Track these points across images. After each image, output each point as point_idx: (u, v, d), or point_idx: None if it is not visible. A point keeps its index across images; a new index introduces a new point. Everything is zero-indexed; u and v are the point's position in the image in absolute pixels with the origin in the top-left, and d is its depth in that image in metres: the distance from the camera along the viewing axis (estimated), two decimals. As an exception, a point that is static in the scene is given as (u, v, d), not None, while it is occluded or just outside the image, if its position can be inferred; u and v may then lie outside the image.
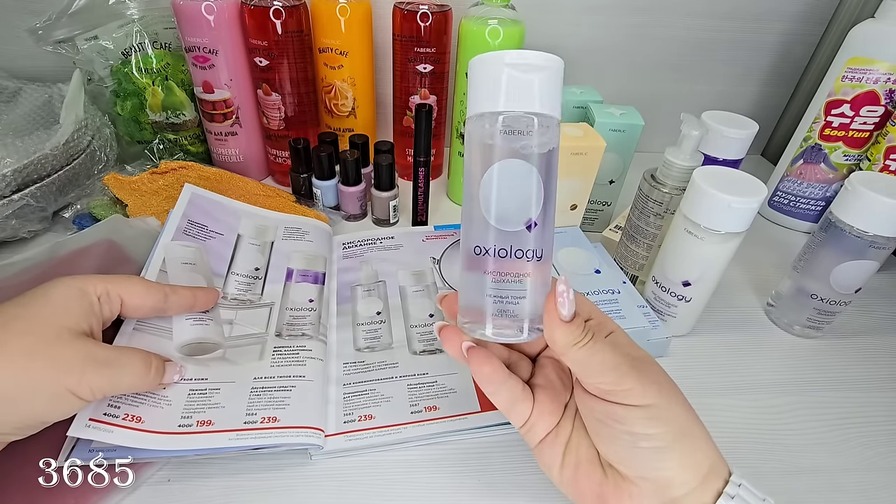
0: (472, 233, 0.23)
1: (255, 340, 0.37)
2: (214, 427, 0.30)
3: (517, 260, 0.22)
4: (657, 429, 0.22)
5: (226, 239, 0.43)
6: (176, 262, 0.38)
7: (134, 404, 0.30)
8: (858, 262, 0.39)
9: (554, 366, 0.29)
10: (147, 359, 0.29)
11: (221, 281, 0.40)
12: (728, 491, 0.23)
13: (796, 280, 0.44)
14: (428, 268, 0.47)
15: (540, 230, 0.23)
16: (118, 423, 0.28)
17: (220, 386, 0.33)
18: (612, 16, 0.63)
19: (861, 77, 0.51)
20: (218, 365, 0.34)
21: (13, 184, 0.44)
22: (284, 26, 0.51)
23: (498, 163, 0.22)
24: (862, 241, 0.38)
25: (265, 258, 0.44)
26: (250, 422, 0.31)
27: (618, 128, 0.49)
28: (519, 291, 0.23)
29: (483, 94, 0.23)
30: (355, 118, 0.58)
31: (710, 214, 0.36)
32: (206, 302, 0.36)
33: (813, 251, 0.42)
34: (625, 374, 0.23)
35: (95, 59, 0.54)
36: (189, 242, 0.41)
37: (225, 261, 0.42)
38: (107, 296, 0.29)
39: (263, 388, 0.34)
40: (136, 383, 0.29)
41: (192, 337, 0.35)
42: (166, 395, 0.31)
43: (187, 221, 0.42)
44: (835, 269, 0.40)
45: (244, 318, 0.38)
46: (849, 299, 0.42)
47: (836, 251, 0.40)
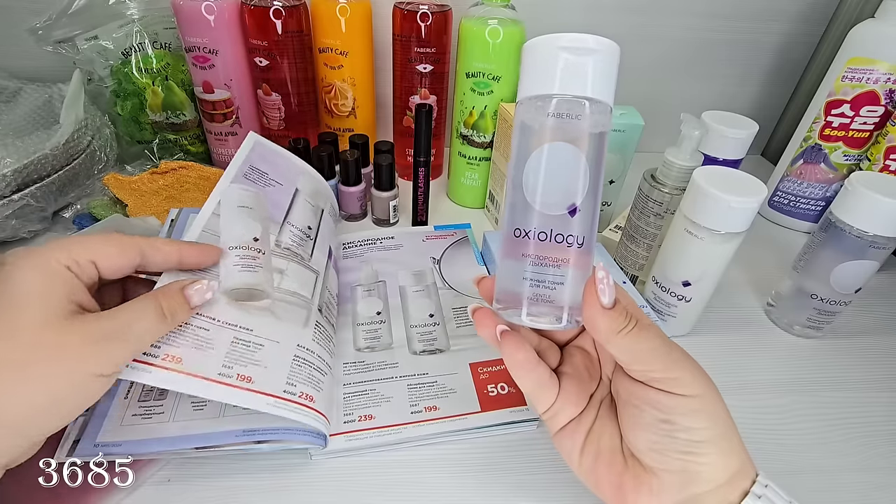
0: (513, 216, 0.23)
1: (302, 303, 0.36)
2: (254, 386, 0.29)
3: (558, 245, 0.22)
4: (699, 423, 0.22)
5: (285, 189, 0.41)
6: (231, 205, 0.36)
7: (175, 343, 0.27)
8: (858, 262, 0.39)
9: (582, 356, 0.28)
10: (157, 304, 0.26)
11: (277, 228, 0.38)
12: (755, 490, 0.23)
13: (796, 280, 0.44)
14: (428, 268, 0.47)
15: (583, 217, 0.22)
16: (157, 363, 0.26)
17: (265, 342, 0.31)
18: (612, 16, 0.63)
19: (861, 77, 0.51)
20: (264, 317, 0.32)
21: (13, 184, 0.44)
22: (284, 26, 0.51)
23: (546, 145, 0.22)
24: (862, 241, 0.38)
25: (317, 221, 0.43)
26: (290, 392, 0.30)
27: (618, 128, 0.49)
28: (558, 277, 0.22)
29: (535, 77, 0.22)
30: (355, 118, 0.58)
31: (711, 214, 0.36)
32: (197, 259, 0.30)
33: (813, 251, 0.42)
34: (675, 362, 0.22)
35: (95, 59, 0.54)
36: (248, 186, 0.38)
37: (282, 210, 0.40)
38: (77, 264, 0.25)
39: (305, 361, 0.33)
40: (156, 333, 0.26)
41: (239, 282, 0.32)
42: (210, 339, 0.29)
43: (248, 167, 0.40)
44: (835, 269, 0.40)
45: (295, 273, 0.37)
46: (849, 299, 0.42)
47: (836, 251, 0.40)
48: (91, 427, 0.30)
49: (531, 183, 0.22)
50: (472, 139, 0.54)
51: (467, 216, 0.58)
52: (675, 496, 0.23)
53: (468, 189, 0.59)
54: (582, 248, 0.22)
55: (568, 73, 0.21)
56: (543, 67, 0.22)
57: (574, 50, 0.21)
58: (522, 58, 0.23)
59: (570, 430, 0.26)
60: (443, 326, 0.41)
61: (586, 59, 0.21)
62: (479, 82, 0.50)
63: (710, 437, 0.22)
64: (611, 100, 0.23)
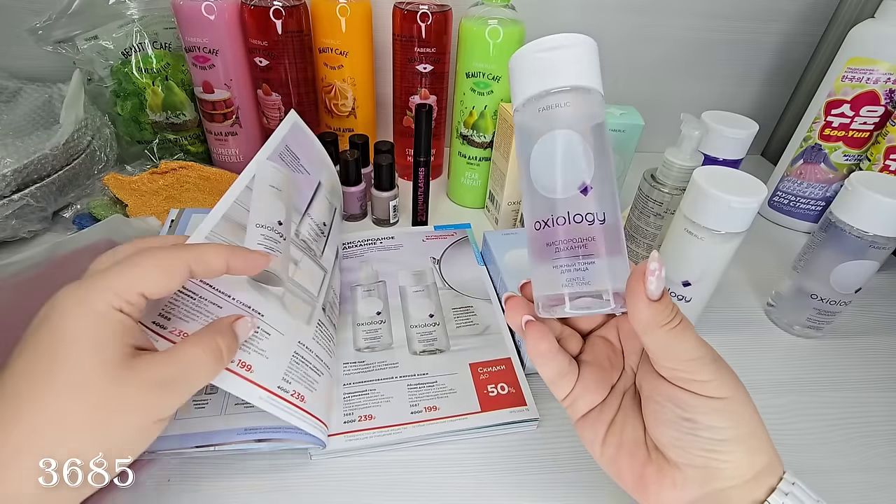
0: (533, 211, 0.24)
1: (308, 300, 0.35)
2: (252, 376, 0.28)
3: (578, 225, 0.22)
4: (722, 422, 0.22)
5: (310, 180, 0.41)
6: (264, 183, 0.35)
7: (185, 318, 0.27)
8: (858, 262, 0.39)
9: (605, 345, 0.28)
10: (215, 346, 0.26)
11: (299, 218, 0.38)
12: (782, 487, 0.23)
13: (796, 280, 0.44)
14: (428, 268, 0.47)
15: (597, 193, 0.23)
16: (165, 334, 0.26)
17: (272, 332, 0.31)
18: (612, 16, 0.63)
19: (861, 77, 0.51)
20: (275, 305, 0.32)
21: (13, 184, 0.44)
22: (284, 26, 0.50)
23: (543, 136, 0.23)
24: (862, 241, 0.38)
25: (331, 219, 0.42)
26: (283, 389, 0.30)
27: (618, 128, 0.49)
28: (588, 257, 0.22)
29: (520, 83, 0.24)
30: (355, 118, 0.58)
31: (711, 214, 0.36)
32: (243, 268, 0.28)
33: (813, 251, 0.42)
34: (706, 365, 0.22)
35: (95, 59, 0.54)
36: (281, 167, 0.38)
37: (305, 200, 0.39)
38: (127, 304, 0.23)
39: (302, 359, 0.32)
40: (213, 376, 0.26)
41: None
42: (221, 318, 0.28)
43: (285, 146, 0.39)
44: (835, 269, 0.40)
45: (307, 267, 0.36)
46: (849, 299, 0.42)
47: (836, 251, 0.40)
48: None
49: (539, 175, 0.23)
50: (472, 139, 0.54)
51: (467, 216, 0.58)
52: (698, 490, 0.23)
53: (468, 189, 0.59)
54: (606, 224, 0.22)
55: (545, 69, 0.23)
56: (525, 73, 0.24)
57: (547, 49, 0.23)
58: (509, 73, 0.25)
59: (591, 419, 0.26)
60: (443, 326, 0.41)
61: (559, 54, 0.23)
62: (479, 82, 0.50)
63: (733, 437, 0.22)
64: (595, 83, 0.24)
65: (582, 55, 0.23)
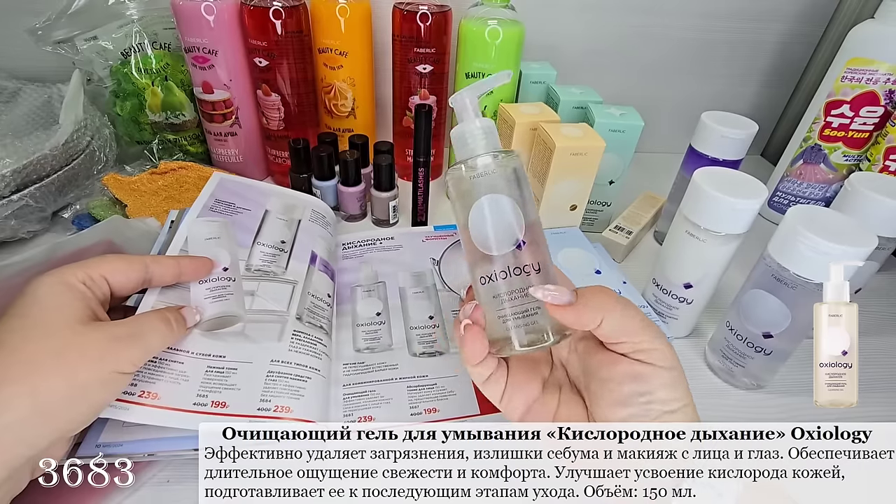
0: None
1: (275, 318, 0.36)
2: (228, 410, 0.30)
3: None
4: (674, 394, 0.24)
5: (253, 214, 0.43)
6: (199, 239, 0.37)
7: (151, 381, 0.29)
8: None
9: None
10: (163, 315, 0.30)
11: (246, 253, 0.39)
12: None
13: (796, 281, 0.44)
14: (428, 269, 0.47)
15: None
16: (134, 400, 0.28)
17: (238, 366, 0.32)
18: (612, 16, 0.63)
19: (861, 77, 0.51)
20: (237, 341, 0.34)
21: (12, 184, 0.44)
22: (284, 27, 0.50)
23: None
24: (862, 242, 0.38)
25: (291, 233, 0.43)
26: (264, 409, 0.31)
27: (617, 128, 0.49)
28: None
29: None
30: (355, 118, 0.58)
31: (711, 216, 0.36)
32: (194, 271, 0.34)
33: (813, 252, 0.42)
34: (657, 335, 0.24)
35: (95, 60, 0.54)
36: (214, 217, 0.40)
37: (251, 233, 0.41)
38: (91, 280, 0.28)
39: (280, 374, 0.33)
40: (165, 340, 0.30)
41: (212, 313, 0.34)
42: (184, 371, 0.30)
43: (214, 200, 0.41)
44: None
45: (266, 291, 0.37)
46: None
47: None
48: (93, 428, 0.30)
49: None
50: (471, 139, 0.54)
51: (467, 216, 0.58)
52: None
53: (468, 189, 0.58)
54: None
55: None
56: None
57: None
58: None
59: (534, 415, 0.27)
60: (442, 328, 0.41)
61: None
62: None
63: (680, 408, 0.24)
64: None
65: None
